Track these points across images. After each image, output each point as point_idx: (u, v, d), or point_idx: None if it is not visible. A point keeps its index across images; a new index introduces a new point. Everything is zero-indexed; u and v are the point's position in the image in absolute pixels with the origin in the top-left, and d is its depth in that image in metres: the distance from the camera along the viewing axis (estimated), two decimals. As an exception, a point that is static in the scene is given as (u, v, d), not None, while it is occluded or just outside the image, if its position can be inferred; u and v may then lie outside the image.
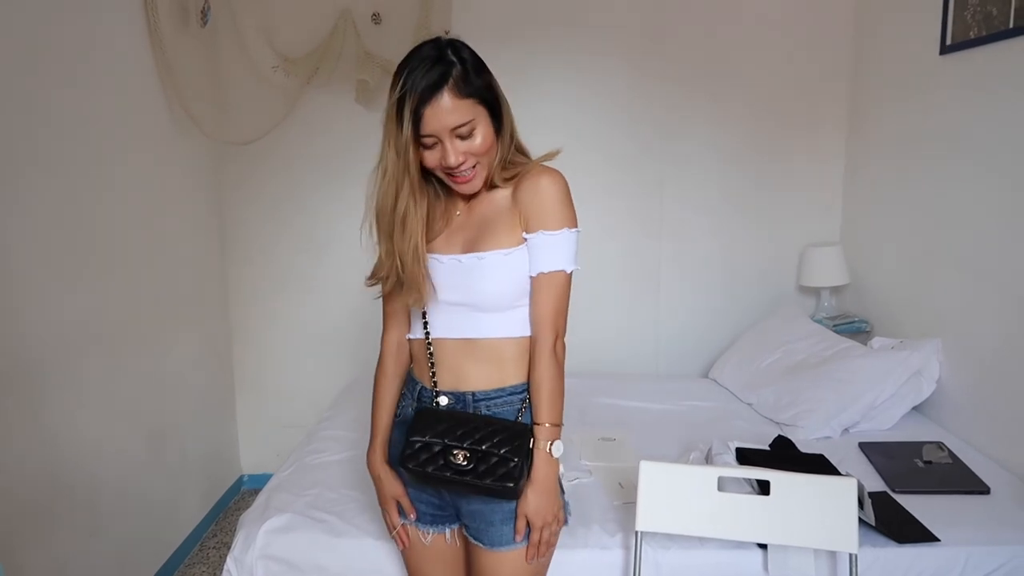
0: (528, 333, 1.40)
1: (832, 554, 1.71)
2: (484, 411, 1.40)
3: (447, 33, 1.33)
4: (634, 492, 1.72)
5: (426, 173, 1.37)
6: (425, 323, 1.43)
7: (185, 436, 2.95)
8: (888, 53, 2.93)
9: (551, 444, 1.35)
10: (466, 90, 1.28)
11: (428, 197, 1.39)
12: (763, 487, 1.69)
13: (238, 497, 3.45)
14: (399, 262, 1.35)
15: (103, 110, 2.36)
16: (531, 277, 1.37)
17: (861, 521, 1.65)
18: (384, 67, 2.99)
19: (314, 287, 3.31)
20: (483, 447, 1.32)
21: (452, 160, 1.29)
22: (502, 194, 1.39)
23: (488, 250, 1.35)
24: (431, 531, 1.49)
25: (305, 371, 3.43)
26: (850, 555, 1.60)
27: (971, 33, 2.35)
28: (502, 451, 1.31)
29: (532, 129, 1.35)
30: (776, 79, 3.22)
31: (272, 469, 2.29)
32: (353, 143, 3.14)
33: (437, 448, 1.34)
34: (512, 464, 1.30)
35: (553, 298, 1.36)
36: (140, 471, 2.59)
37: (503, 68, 1.42)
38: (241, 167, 3.28)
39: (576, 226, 1.37)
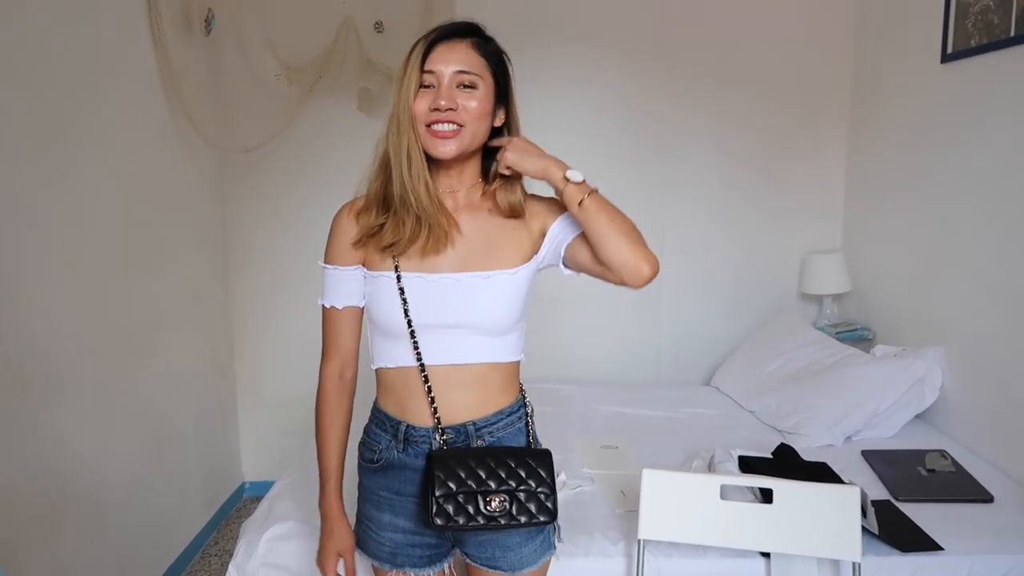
0: (516, 358, 1.37)
1: (835, 563, 1.71)
2: (488, 439, 1.33)
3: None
4: (636, 500, 1.72)
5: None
6: (416, 344, 1.30)
7: (187, 443, 2.95)
8: (889, 61, 2.93)
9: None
10: (485, 50, 1.28)
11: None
12: (766, 495, 1.68)
13: (240, 504, 3.44)
14: (412, 199, 1.25)
15: (106, 117, 2.37)
16: (571, 242, 1.31)
17: (864, 529, 1.65)
18: (387, 75, 3.00)
19: (315, 294, 3.29)
20: (512, 484, 1.27)
21: (442, 101, 1.22)
22: (492, 208, 1.34)
23: (494, 269, 1.30)
24: (430, 572, 1.41)
25: (307, 378, 3.39)
26: (853, 564, 1.59)
27: (972, 42, 2.36)
28: (532, 485, 1.27)
29: (530, 135, 1.34)
30: (778, 86, 3.23)
31: (274, 476, 2.28)
32: (355, 151, 3.10)
33: (462, 497, 1.26)
34: (544, 496, 1.28)
35: None
36: (142, 478, 2.59)
37: None
38: (244, 175, 3.28)
39: None
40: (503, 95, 1.32)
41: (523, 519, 1.26)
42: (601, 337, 3.34)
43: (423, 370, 1.31)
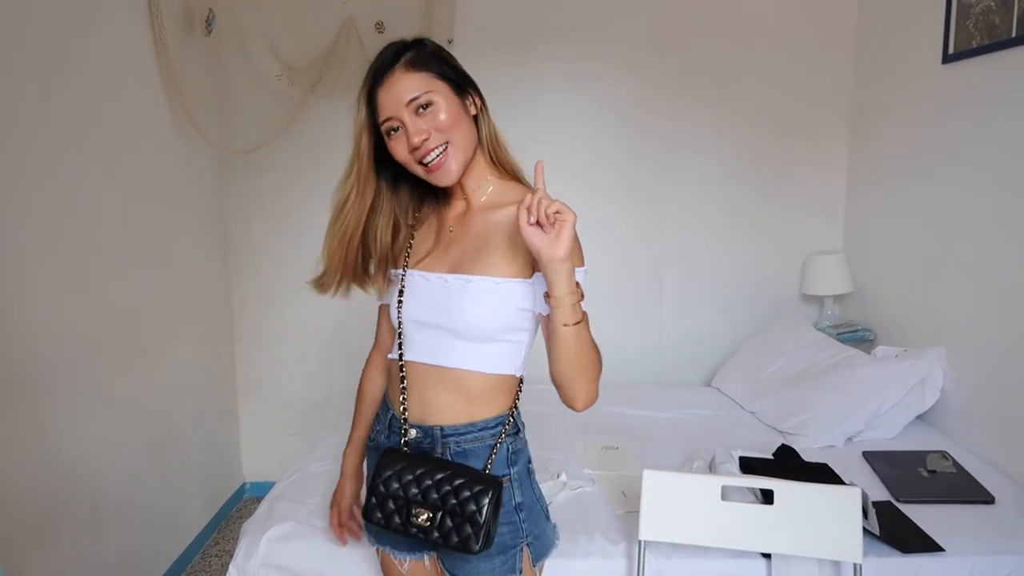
0: (504, 371, 1.31)
1: (836, 564, 1.70)
2: (453, 447, 1.31)
3: (450, 42, 1.34)
4: (637, 501, 1.71)
5: (419, 184, 1.34)
6: (400, 343, 1.35)
7: (187, 443, 2.95)
8: (890, 62, 2.93)
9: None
10: (419, 63, 1.24)
11: (403, 205, 1.36)
12: (767, 496, 1.68)
13: (240, 505, 3.44)
14: (325, 246, 1.34)
15: (107, 117, 2.37)
16: (543, 315, 1.25)
17: (865, 531, 1.64)
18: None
19: (317, 295, 3.30)
20: (448, 502, 1.24)
21: (415, 138, 1.21)
22: (500, 215, 1.30)
23: (477, 274, 1.27)
24: (408, 558, 1.41)
25: (308, 379, 3.43)
26: (854, 565, 1.59)
27: (973, 42, 2.36)
28: (467, 509, 1.23)
29: (534, 137, 1.34)
30: (778, 87, 3.23)
31: (274, 477, 2.28)
32: (356, 151, 3.14)
33: (399, 503, 1.27)
34: (477, 525, 1.22)
35: None
36: (142, 478, 2.59)
37: (505, 76, 1.42)
38: (245, 175, 3.29)
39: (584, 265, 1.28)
40: (461, 85, 1.28)
41: (453, 540, 1.23)
42: (602, 338, 3.30)
43: (402, 368, 1.35)
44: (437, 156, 1.23)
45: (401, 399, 1.34)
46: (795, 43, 3.20)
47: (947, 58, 2.50)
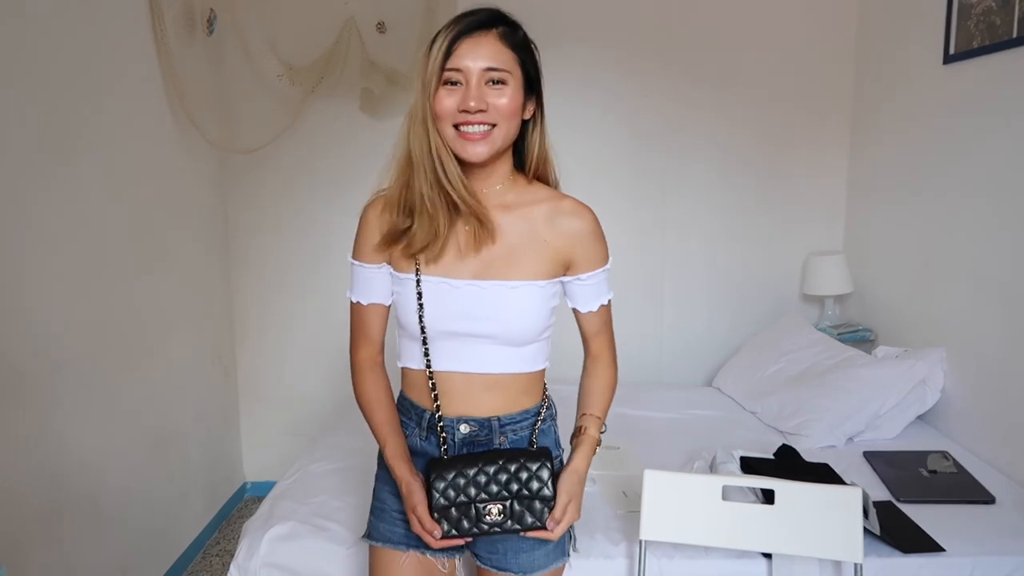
0: (542, 366, 1.37)
1: (837, 564, 1.71)
2: (511, 435, 1.33)
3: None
4: (638, 501, 1.72)
5: None
6: (426, 351, 1.30)
7: (188, 443, 2.95)
8: (890, 63, 2.93)
9: (600, 433, 1.38)
10: (513, 41, 1.21)
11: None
12: (767, 496, 1.68)
13: (241, 505, 3.45)
14: (456, 197, 1.21)
15: (108, 117, 2.37)
16: (579, 311, 1.38)
17: (866, 531, 1.64)
18: (389, 76, 3.01)
19: (318, 295, 3.31)
20: (512, 488, 1.24)
21: (472, 102, 1.16)
22: (529, 216, 1.29)
23: (519, 279, 1.26)
24: (443, 558, 1.39)
25: (308, 379, 3.43)
26: (855, 565, 1.59)
27: (974, 43, 2.36)
28: (532, 488, 1.25)
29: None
30: (779, 87, 3.23)
31: (275, 477, 2.29)
32: (358, 152, 3.15)
33: (463, 508, 1.24)
34: (546, 499, 1.25)
35: (610, 323, 1.42)
36: (144, 478, 2.59)
37: None
38: (246, 175, 3.29)
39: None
40: (532, 86, 1.26)
41: (529, 520, 1.24)
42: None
43: (431, 376, 1.31)
44: (478, 130, 1.19)
45: (435, 404, 1.32)
46: (796, 43, 3.20)
47: (948, 58, 2.50)
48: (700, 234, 3.34)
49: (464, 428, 1.32)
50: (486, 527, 1.24)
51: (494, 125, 1.19)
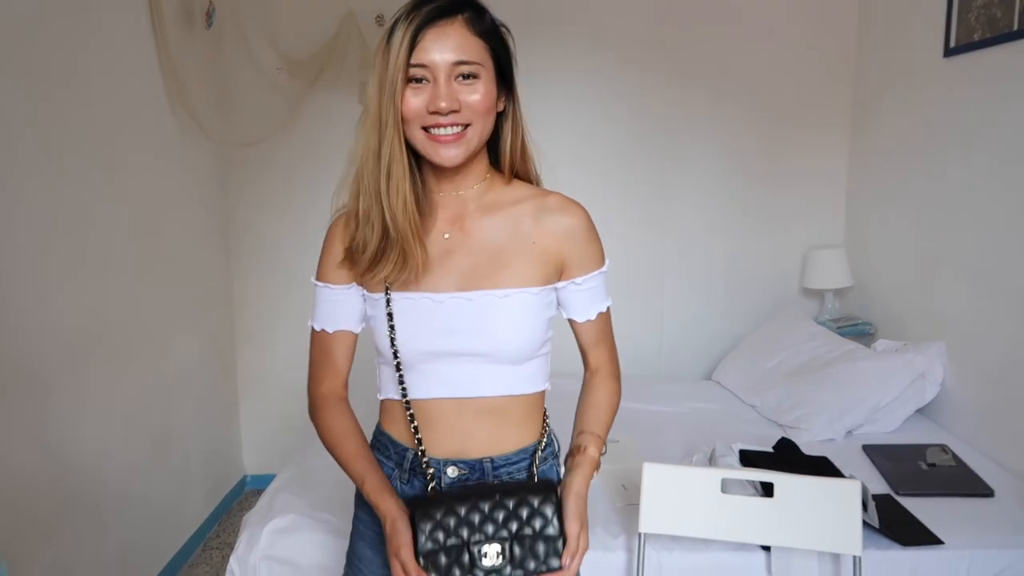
0: (540, 388, 1.21)
1: (835, 556, 1.71)
2: (506, 479, 1.18)
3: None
4: (637, 494, 1.72)
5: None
6: (400, 378, 1.15)
7: (188, 438, 2.95)
8: (891, 56, 2.93)
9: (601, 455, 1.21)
10: (482, 28, 1.07)
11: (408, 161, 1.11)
12: (766, 489, 1.68)
13: (241, 498, 3.45)
14: (388, 219, 1.07)
15: (106, 112, 2.36)
16: (576, 321, 1.22)
17: (865, 523, 1.65)
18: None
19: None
20: (511, 526, 1.05)
21: (443, 103, 1.03)
22: (511, 218, 1.15)
23: (509, 286, 1.12)
24: None
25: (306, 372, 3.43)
26: (854, 558, 1.59)
27: (975, 35, 2.35)
28: (535, 526, 1.06)
29: (533, 130, 1.28)
30: (779, 81, 3.23)
31: (275, 470, 2.29)
32: (357, 145, 3.14)
33: (454, 552, 1.04)
34: (552, 538, 1.06)
35: (610, 333, 1.26)
36: (144, 473, 2.59)
37: None
38: (245, 169, 3.29)
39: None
40: (504, 77, 1.12)
41: (531, 566, 1.05)
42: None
43: (408, 405, 1.16)
44: (450, 132, 1.06)
45: (416, 440, 1.16)
46: (796, 36, 3.20)
47: (948, 51, 2.50)
48: (699, 228, 3.34)
49: (452, 471, 1.16)
50: (482, 573, 1.05)
51: (467, 124, 1.06)
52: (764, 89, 3.23)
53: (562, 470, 1.25)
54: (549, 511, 1.07)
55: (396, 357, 1.14)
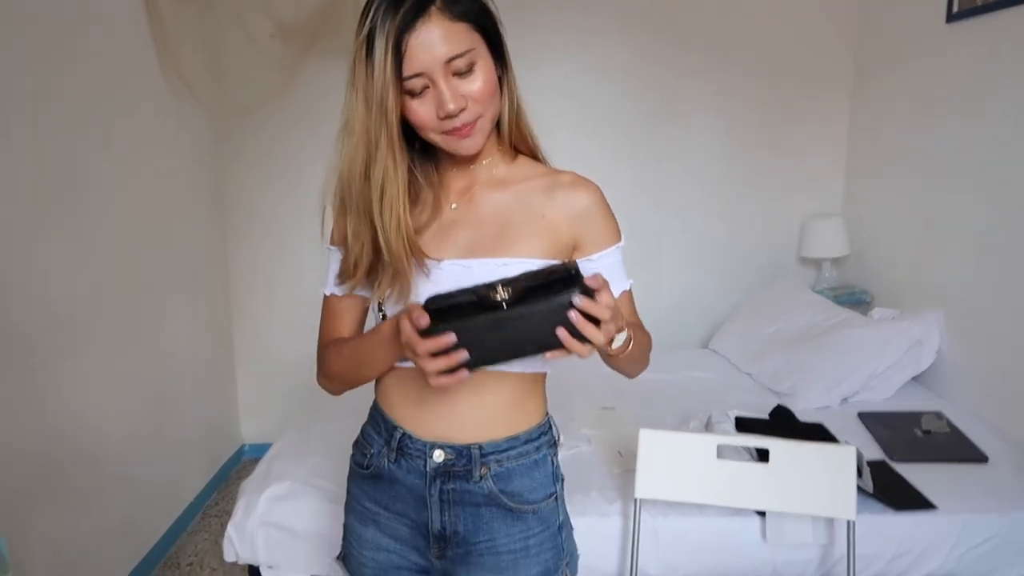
0: (537, 368, 1.16)
1: (829, 521, 1.73)
2: (495, 468, 1.13)
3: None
4: (633, 460, 1.73)
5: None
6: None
7: (186, 407, 2.96)
8: (893, 21, 2.89)
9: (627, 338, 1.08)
10: (458, 9, 1.00)
11: (406, 173, 1.07)
12: (762, 455, 1.69)
13: (239, 467, 3.47)
14: (382, 242, 1.04)
15: (98, 79, 2.33)
16: None
17: (859, 489, 1.66)
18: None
19: (314, 257, 3.28)
20: (522, 284, 0.95)
21: (451, 105, 0.99)
22: (521, 193, 1.12)
23: (515, 256, 1.07)
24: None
25: (305, 341, 3.40)
26: (848, 522, 1.60)
27: (978, 0, 2.32)
28: (550, 278, 0.95)
29: (533, 98, 1.24)
30: (780, 46, 3.19)
31: (273, 439, 2.29)
32: (352, 112, 3.11)
33: (464, 302, 0.95)
34: (569, 274, 0.94)
35: (636, 315, 1.21)
36: (142, 442, 2.60)
37: (507, 31, 1.29)
38: (240, 138, 3.25)
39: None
40: (497, 44, 1.07)
41: (550, 295, 0.92)
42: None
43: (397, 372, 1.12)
44: (464, 124, 1.03)
45: (415, 414, 1.14)
46: (796, 3, 3.15)
47: (951, 16, 2.46)
48: (697, 196, 3.32)
49: (438, 455, 1.12)
50: (490, 313, 0.92)
51: (481, 115, 1.04)
52: (765, 54, 3.19)
53: (559, 462, 1.22)
54: (562, 269, 0.96)
55: (385, 319, 1.12)
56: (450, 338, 0.92)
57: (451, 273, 1.08)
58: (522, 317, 0.92)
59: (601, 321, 0.92)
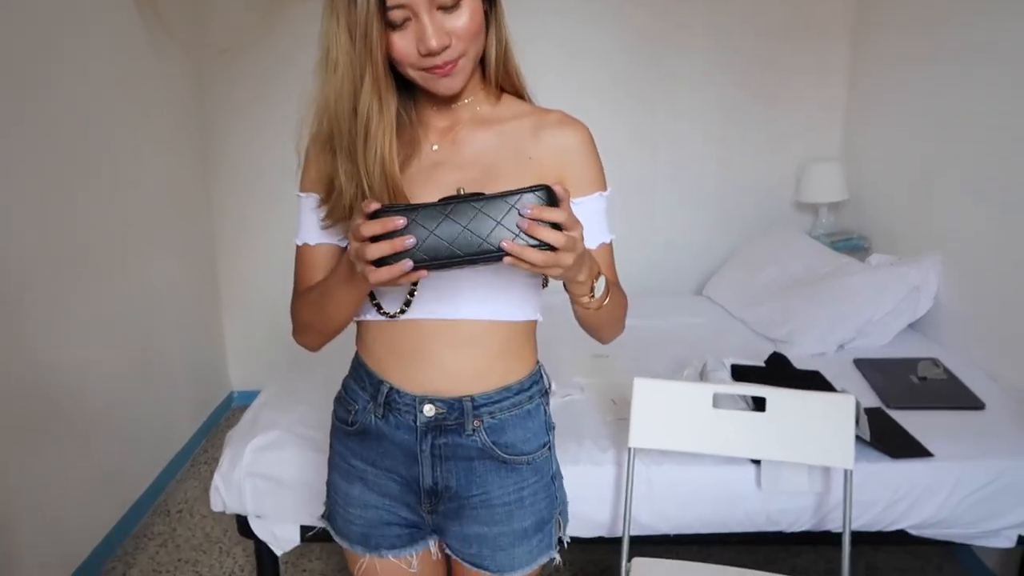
0: (529, 316, 1.11)
1: (825, 469, 1.70)
2: (487, 420, 1.09)
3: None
4: (626, 409, 1.69)
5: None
6: (413, 292, 1.05)
7: (171, 353, 2.91)
8: (899, -46, 2.78)
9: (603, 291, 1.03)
10: None
11: (395, 111, 1.01)
12: (758, 403, 1.66)
13: (229, 414, 3.44)
14: (365, 186, 0.98)
15: (71, 21, 2.22)
16: None
17: (856, 437, 1.63)
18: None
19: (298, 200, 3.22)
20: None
21: (433, 41, 0.93)
22: (507, 133, 1.07)
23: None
24: (413, 552, 1.19)
25: (291, 288, 3.37)
26: (845, 471, 1.58)
27: (990, -69, 2.22)
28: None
29: (524, 43, 1.15)
30: (780, -14, 3.07)
31: (262, 386, 2.25)
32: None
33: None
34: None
35: (614, 273, 1.13)
36: (125, 389, 2.55)
37: None
38: (221, 80, 3.14)
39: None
40: None
41: (520, 187, 0.88)
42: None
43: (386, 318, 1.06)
44: (447, 65, 0.97)
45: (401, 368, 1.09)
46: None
47: (960, -50, 2.36)
48: (691, 139, 3.24)
49: (428, 409, 1.08)
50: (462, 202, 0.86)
51: (463, 54, 0.98)
52: (763, -4, 3.08)
53: (551, 410, 1.19)
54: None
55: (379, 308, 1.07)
56: (398, 220, 0.85)
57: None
58: (477, 211, 0.86)
59: (563, 227, 0.86)
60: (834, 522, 1.74)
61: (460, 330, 1.06)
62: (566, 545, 1.22)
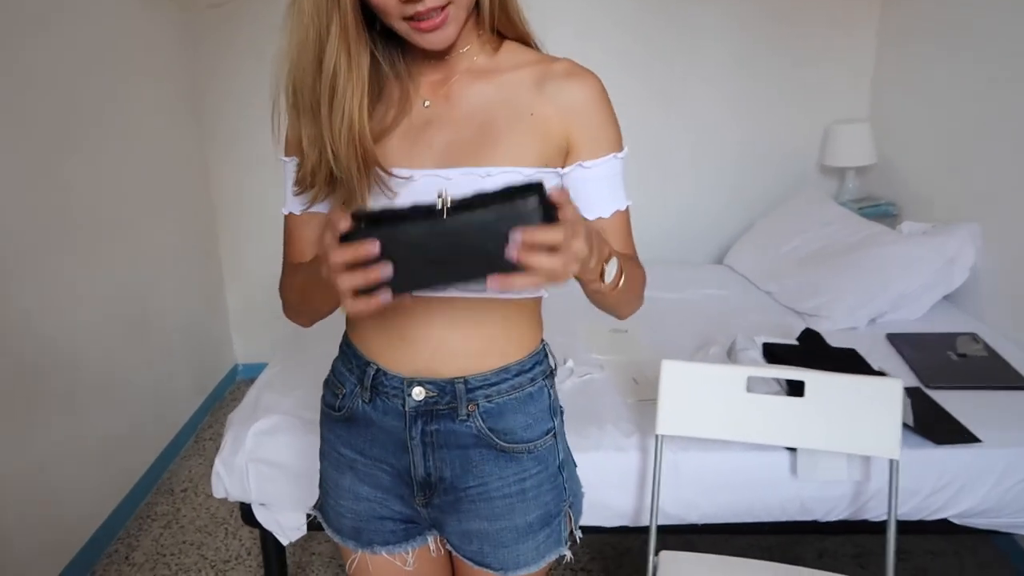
0: (536, 292, 1.02)
1: (865, 458, 1.59)
2: (483, 404, 0.99)
3: None
4: (650, 388, 1.58)
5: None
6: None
7: (170, 326, 2.80)
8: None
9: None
10: None
11: (367, 66, 0.90)
12: (794, 387, 1.54)
13: (234, 387, 3.35)
14: (330, 152, 0.88)
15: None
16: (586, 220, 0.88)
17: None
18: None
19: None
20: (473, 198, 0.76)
21: None
22: (506, 86, 0.95)
23: (499, 164, 0.91)
24: (410, 548, 1.10)
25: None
26: (890, 461, 1.47)
27: None
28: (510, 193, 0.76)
29: (535, 9, 1.02)
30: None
31: (267, 358, 2.15)
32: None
33: (401, 213, 0.76)
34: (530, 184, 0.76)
35: (631, 242, 1.03)
36: (122, 362, 2.46)
37: None
38: (216, 36, 2.98)
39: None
40: None
41: (503, 196, 0.75)
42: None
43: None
44: (435, 14, 0.86)
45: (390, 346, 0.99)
46: None
47: None
48: (711, 99, 3.09)
49: (418, 392, 0.98)
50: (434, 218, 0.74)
51: (450, 2, 0.86)
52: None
53: (556, 392, 1.07)
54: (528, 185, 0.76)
55: None
56: (372, 247, 0.73)
57: (426, 187, 0.90)
58: (460, 230, 0.73)
59: (559, 248, 0.73)
60: (872, 511, 1.64)
61: (455, 307, 0.96)
62: (578, 540, 1.12)
